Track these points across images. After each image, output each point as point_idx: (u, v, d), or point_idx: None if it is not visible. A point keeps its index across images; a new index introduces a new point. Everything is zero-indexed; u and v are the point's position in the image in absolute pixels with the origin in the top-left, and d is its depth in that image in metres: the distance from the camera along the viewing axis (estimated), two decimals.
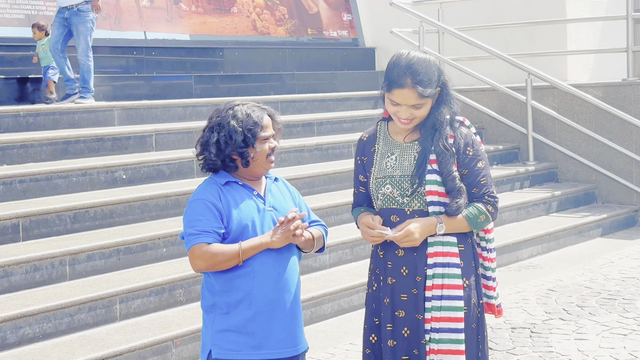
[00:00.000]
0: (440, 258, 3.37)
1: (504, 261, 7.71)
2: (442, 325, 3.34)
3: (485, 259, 3.54)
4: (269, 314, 3.29)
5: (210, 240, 3.22)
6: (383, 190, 3.43)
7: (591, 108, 9.60)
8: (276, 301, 3.30)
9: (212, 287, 3.33)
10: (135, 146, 7.54)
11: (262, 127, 3.35)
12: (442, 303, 3.34)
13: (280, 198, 3.43)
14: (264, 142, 3.36)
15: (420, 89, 3.31)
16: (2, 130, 7.23)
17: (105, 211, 6.29)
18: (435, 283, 3.36)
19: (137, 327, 5.35)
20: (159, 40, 10.22)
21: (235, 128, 3.29)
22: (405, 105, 3.35)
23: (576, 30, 11.13)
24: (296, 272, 3.39)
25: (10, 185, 6.29)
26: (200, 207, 3.27)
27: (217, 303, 3.31)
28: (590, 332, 5.71)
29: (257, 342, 3.27)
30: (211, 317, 3.33)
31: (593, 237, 8.73)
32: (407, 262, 3.39)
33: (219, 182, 3.33)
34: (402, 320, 3.39)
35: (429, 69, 3.35)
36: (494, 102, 10.37)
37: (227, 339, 3.28)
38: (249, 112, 3.35)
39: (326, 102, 9.97)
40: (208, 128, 3.36)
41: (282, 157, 8.11)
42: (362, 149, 3.57)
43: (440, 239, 3.38)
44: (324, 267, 6.64)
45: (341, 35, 12.37)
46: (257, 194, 3.36)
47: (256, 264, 3.27)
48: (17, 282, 5.41)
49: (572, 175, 9.80)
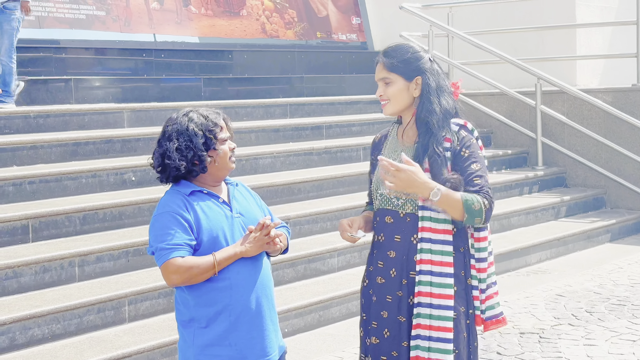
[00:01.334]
0: (427, 266, 3.33)
1: (513, 266, 7.70)
2: (433, 334, 3.31)
3: (472, 267, 3.45)
4: (249, 324, 3.25)
5: (183, 253, 3.17)
6: (381, 191, 3.45)
7: (600, 113, 9.58)
8: (256, 310, 3.26)
9: (187, 302, 3.26)
10: (144, 148, 7.54)
11: (221, 127, 3.31)
12: (432, 311, 3.31)
13: (245, 203, 3.40)
14: (224, 142, 3.32)
15: (385, 59, 3.41)
16: (12, 131, 7.25)
17: (115, 213, 6.30)
18: (423, 290, 3.32)
19: (146, 328, 5.36)
20: (169, 42, 10.23)
21: (195, 131, 3.24)
22: (378, 81, 3.45)
23: (586, 35, 11.12)
24: (270, 276, 3.36)
25: (20, 186, 6.30)
26: (168, 221, 3.20)
27: (195, 317, 3.25)
28: (599, 337, 5.69)
29: (240, 353, 3.23)
30: (190, 331, 3.27)
31: (602, 242, 8.70)
32: (396, 265, 3.38)
33: (183, 192, 3.27)
34: (385, 320, 3.40)
35: (402, 49, 3.44)
36: (503, 107, 10.36)
37: (210, 353, 3.23)
38: (206, 115, 3.31)
39: (335, 106, 9.97)
40: (165, 137, 3.28)
41: (291, 160, 8.12)
42: (373, 149, 3.61)
43: (430, 247, 3.33)
44: (332, 270, 6.64)
45: (350, 39, 12.37)
46: (223, 201, 3.31)
47: (232, 274, 3.22)
48: (26, 283, 5.42)
49: (581, 181, 9.78)
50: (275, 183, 7.36)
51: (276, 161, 8.02)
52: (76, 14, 9.52)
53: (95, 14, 9.66)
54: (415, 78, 3.40)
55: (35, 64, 9.20)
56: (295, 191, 7.47)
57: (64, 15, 9.21)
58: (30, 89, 8.44)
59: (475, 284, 3.45)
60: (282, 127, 8.78)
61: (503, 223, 8.37)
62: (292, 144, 8.59)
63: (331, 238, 6.86)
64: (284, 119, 9.27)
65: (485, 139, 10.32)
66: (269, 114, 9.21)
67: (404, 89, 3.40)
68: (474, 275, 3.45)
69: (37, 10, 9.25)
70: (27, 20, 8.89)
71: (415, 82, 3.40)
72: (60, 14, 9.47)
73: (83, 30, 9.44)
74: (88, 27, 9.47)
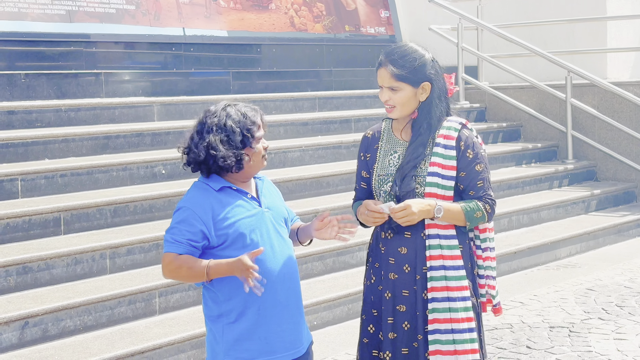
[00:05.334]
0: (439, 261, 3.40)
1: (542, 260, 7.67)
2: (456, 326, 3.37)
3: (479, 257, 3.58)
4: (279, 317, 3.26)
5: (180, 251, 3.17)
6: (385, 188, 3.47)
7: (632, 106, 9.50)
8: (285, 302, 3.28)
9: (215, 297, 3.27)
10: (174, 141, 7.58)
11: (258, 125, 3.32)
12: (451, 305, 3.38)
13: (271, 198, 3.42)
14: (259, 141, 3.34)
15: (391, 67, 3.42)
16: (44, 124, 7.32)
17: (145, 205, 6.35)
18: (436, 285, 3.39)
19: (176, 320, 5.40)
20: (198, 36, 10.27)
21: (234, 129, 3.23)
22: (383, 86, 3.45)
23: (616, 27, 11.01)
24: (296, 268, 3.38)
25: (52, 179, 6.37)
26: (184, 216, 3.21)
27: (224, 312, 3.25)
28: (630, 332, 5.66)
29: (270, 346, 3.24)
30: (219, 327, 3.27)
31: (632, 236, 8.64)
32: (409, 260, 3.44)
33: (212, 187, 3.26)
34: (403, 314, 3.44)
35: (408, 55, 3.46)
36: (533, 100, 10.30)
37: (241, 348, 3.23)
38: (244, 112, 3.29)
39: (364, 99, 9.96)
40: (205, 129, 3.24)
41: (320, 154, 8.13)
42: (365, 146, 3.62)
43: (439, 242, 3.40)
44: (361, 263, 6.63)
45: (379, 32, 12.35)
46: (251, 197, 3.32)
47: (261, 268, 3.17)
48: (58, 275, 5.48)
49: (612, 174, 9.70)
50: (303, 176, 7.37)
51: (305, 154, 8.04)
52: (106, 9, 9.58)
53: (125, 8, 9.72)
54: (422, 84, 3.45)
55: (66, 58, 9.28)
56: (324, 184, 7.47)
57: (94, 9, 9.27)
58: (61, 83, 8.51)
59: (482, 272, 3.57)
60: (310, 120, 8.79)
61: (533, 217, 8.34)
62: (320, 137, 8.60)
63: (360, 231, 6.83)
64: (312, 112, 9.28)
65: (514, 133, 10.27)
66: (298, 107, 9.23)
67: (411, 95, 3.46)
68: (480, 264, 3.57)
69: (67, 4, 9.33)
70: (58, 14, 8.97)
71: (422, 88, 3.46)
72: (90, 8, 9.54)
73: (113, 24, 9.50)
74: (118, 21, 9.53)
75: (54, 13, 9.27)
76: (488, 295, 3.60)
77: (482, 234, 3.57)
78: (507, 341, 5.56)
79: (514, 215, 8.16)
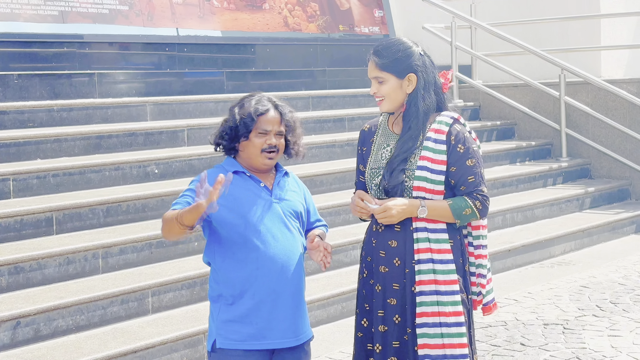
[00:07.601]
0: (427, 254, 3.40)
1: (537, 257, 7.67)
2: (444, 320, 3.37)
3: (471, 255, 3.57)
4: (271, 305, 3.33)
5: (175, 208, 3.29)
6: (376, 181, 3.48)
7: (625, 104, 9.51)
8: (278, 292, 3.34)
9: (217, 278, 3.39)
10: (167, 141, 7.58)
11: (258, 120, 3.37)
12: (440, 298, 3.38)
13: (289, 192, 3.48)
14: (261, 136, 3.38)
15: (376, 59, 3.46)
16: (36, 124, 7.30)
17: (138, 205, 6.33)
18: (424, 279, 3.39)
19: (169, 320, 5.38)
20: (191, 36, 10.25)
21: (235, 118, 3.38)
22: (371, 78, 3.49)
23: (610, 25, 11.02)
24: (301, 265, 3.43)
25: (44, 179, 6.35)
26: (191, 185, 3.38)
27: (223, 294, 3.37)
28: (624, 328, 5.65)
29: (259, 332, 3.33)
30: (217, 307, 3.39)
31: (627, 233, 8.64)
32: (399, 254, 3.44)
33: (227, 170, 3.37)
34: (393, 307, 3.45)
35: (393, 46, 3.49)
36: (527, 98, 10.30)
37: (230, 329, 3.34)
38: (255, 104, 3.40)
39: (357, 98, 9.96)
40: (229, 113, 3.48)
41: (313, 153, 8.12)
42: (362, 140, 3.65)
43: (427, 236, 3.40)
44: (354, 262, 6.61)
45: (373, 32, 12.34)
46: (265, 186, 3.42)
47: (260, 255, 3.31)
48: (50, 274, 5.46)
49: (606, 172, 9.71)
50: (297, 175, 7.34)
51: None
52: (99, 9, 9.56)
53: (118, 9, 9.70)
54: (408, 75, 3.46)
55: (59, 58, 9.26)
56: (317, 183, 7.47)
57: (87, 10, 9.25)
58: (54, 84, 8.49)
59: (474, 270, 3.56)
60: (304, 119, 8.74)
61: (527, 215, 8.33)
62: (314, 136, 8.59)
63: (353, 230, 6.85)
64: (306, 111, 9.27)
65: (508, 131, 10.27)
66: (292, 106, 9.19)
67: (397, 86, 3.47)
68: (472, 261, 3.55)
69: (60, 5, 9.31)
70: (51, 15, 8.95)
71: (407, 79, 3.47)
72: (83, 8, 9.52)
73: (106, 24, 9.48)
74: (111, 22, 9.51)
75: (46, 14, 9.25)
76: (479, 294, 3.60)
77: (474, 230, 3.56)
78: (501, 338, 5.55)
79: (508, 213, 8.15)
